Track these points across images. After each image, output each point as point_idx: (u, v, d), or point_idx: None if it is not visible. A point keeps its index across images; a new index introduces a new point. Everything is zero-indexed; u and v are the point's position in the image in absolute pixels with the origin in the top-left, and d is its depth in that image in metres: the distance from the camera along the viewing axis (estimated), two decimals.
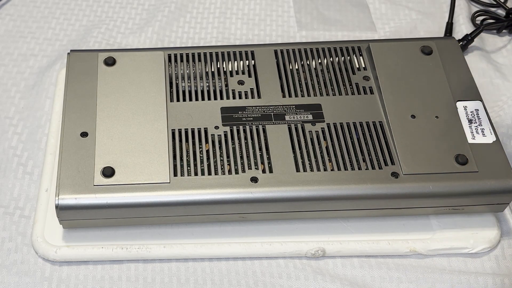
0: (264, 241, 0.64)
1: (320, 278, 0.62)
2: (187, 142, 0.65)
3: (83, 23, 0.85)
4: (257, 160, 0.63)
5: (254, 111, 0.67)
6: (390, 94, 0.68)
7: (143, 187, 0.61)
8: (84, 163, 0.62)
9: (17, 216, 0.66)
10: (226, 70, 0.71)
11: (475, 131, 0.65)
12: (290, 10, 0.88)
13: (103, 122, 0.65)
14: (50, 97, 0.75)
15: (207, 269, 0.63)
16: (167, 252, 0.63)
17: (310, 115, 0.66)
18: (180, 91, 0.69)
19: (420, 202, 0.63)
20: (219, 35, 0.84)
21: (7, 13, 0.86)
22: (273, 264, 0.63)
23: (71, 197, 0.60)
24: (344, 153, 0.64)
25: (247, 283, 0.62)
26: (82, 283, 0.62)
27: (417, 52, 0.71)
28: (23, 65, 0.80)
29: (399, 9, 0.88)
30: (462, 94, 0.68)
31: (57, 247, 0.62)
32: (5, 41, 0.82)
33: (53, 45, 0.82)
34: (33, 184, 0.68)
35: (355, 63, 0.71)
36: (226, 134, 0.65)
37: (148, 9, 0.87)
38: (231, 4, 0.88)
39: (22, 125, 0.73)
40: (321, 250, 0.63)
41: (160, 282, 0.62)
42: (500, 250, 0.65)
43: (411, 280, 0.62)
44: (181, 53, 0.71)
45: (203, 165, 0.63)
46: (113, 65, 0.70)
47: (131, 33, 0.84)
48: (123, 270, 0.63)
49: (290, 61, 0.71)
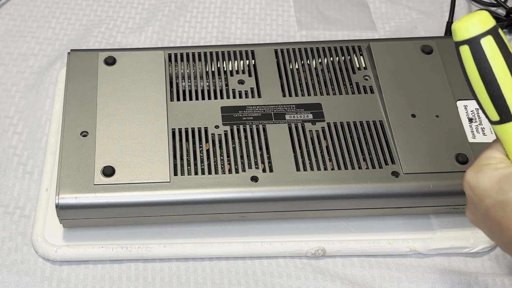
0: (264, 240, 0.64)
1: (320, 277, 0.62)
2: (187, 142, 0.65)
3: (83, 23, 0.85)
4: (257, 160, 0.63)
5: (254, 111, 0.67)
6: (390, 94, 0.68)
7: (143, 186, 0.61)
8: (84, 162, 0.62)
9: (17, 215, 0.66)
10: (226, 69, 0.71)
11: (475, 130, 0.65)
12: (290, 10, 0.88)
13: (103, 121, 0.65)
14: (50, 97, 0.75)
15: (207, 269, 0.63)
16: (167, 252, 0.63)
17: (310, 114, 0.66)
18: (180, 91, 0.69)
19: (420, 202, 0.63)
20: (219, 35, 0.84)
21: (7, 12, 0.86)
22: (273, 264, 0.63)
23: (71, 197, 0.60)
24: (344, 152, 0.64)
25: (247, 282, 0.62)
26: (82, 282, 0.62)
27: (417, 52, 0.71)
28: (23, 65, 0.80)
29: (399, 9, 0.88)
30: (463, 93, 0.68)
31: (57, 247, 0.62)
32: (5, 41, 0.82)
33: (53, 44, 0.82)
34: (33, 183, 0.68)
35: (355, 62, 0.71)
36: (226, 133, 0.65)
37: (148, 9, 0.87)
38: (231, 3, 0.88)
39: (22, 125, 0.73)
40: (321, 249, 0.63)
41: (160, 281, 0.62)
42: (500, 250, 0.65)
43: (411, 279, 0.62)
44: (181, 53, 0.71)
45: (203, 164, 0.63)
46: (113, 64, 0.70)
47: (131, 33, 0.84)
48: (123, 269, 0.62)
49: (290, 61, 0.71)
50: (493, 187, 0.46)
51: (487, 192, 0.47)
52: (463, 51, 0.45)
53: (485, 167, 0.48)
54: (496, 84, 0.45)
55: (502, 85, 0.45)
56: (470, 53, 0.44)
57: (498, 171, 0.47)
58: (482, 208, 0.47)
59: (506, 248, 0.48)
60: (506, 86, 0.45)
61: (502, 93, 0.45)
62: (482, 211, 0.48)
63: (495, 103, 0.46)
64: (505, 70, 0.45)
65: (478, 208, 0.48)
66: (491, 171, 0.47)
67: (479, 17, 0.44)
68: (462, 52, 0.45)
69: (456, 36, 0.45)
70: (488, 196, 0.47)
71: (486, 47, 0.44)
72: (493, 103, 0.46)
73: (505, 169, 0.47)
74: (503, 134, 0.47)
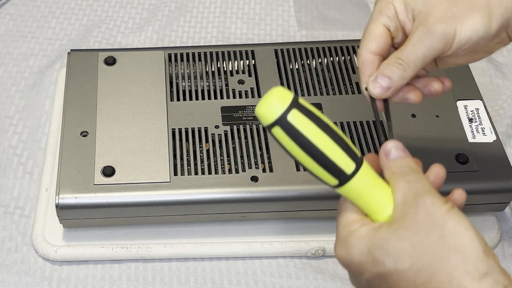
0: (264, 240, 0.64)
1: (320, 277, 0.62)
2: (187, 141, 0.65)
3: (83, 23, 0.85)
4: (257, 159, 0.63)
5: (254, 110, 0.67)
6: None
7: (143, 186, 0.61)
8: (84, 162, 0.62)
9: (17, 215, 0.66)
10: (226, 69, 0.71)
11: (475, 130, 0.65)
12: (290, 10, 0.88)
13: (103, 121, 0.65)
14: (50, 97, 0.75)
15: (207, 269, 0.63)
16: (167, 252, 0.63)
17: None
18: (180, 91, 0.69)
19: None
20: (219, 35, 0.84)
21: (7, 12, 0.86)
22: (273, 264, 0.63)
23: (71, 197, 0.60)
24: None
25: (247, 282, 0.62)
26: (82, 282, 0.62)
27: None
28: (23, 65, 0.80)
29: None
30: (463, 93, 0.68)
31: (57, 247, 0.62)
32: (5, 41, 0.82)
33: (53, 44, 0.82)
34: (33, 183, 0.68)
35: (355, 62, 0.71)
36: (226, 133, 0.65)
37: (148, 9, 0.87)
38: (231, 3, 0.88)
39: (22, 125, 0.73)
40: (321, 249, 0.63)
41: (160, 281, 0.62)
42: (500, 249, 0.65)
43: None
44: (181, 53, 0.71)
45: (203, 164, 0.63)
46: (113, 64, 0.70)
47: (131, 33, 0.84)
48: (123, 269, 0.62)
49: (290, 61, 0.71)
50: (367, 259, 0.43)
51: (363, 266, 0.43)
52: (277, 133, 0.43)
53: (350, 238, 0.44)
54: (320, 152, 0.43)
55: (326, 151, 0.43)
56: (284, 133, 0.43)
57: (365, 239, 0.43)
58: (363, 281, 0.44)
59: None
60: (330, 151, 0.43)
61: (329, 158, 0.44)
62: (364, 283, 0.44)
63: (328, 170, 0.44)
64: (322, 135, 0.43)
65: (360, 280, 0.45)
66: (357, 241, 0.44)
67: (276, 95, 0.43)
68: (276, 134, 0.44)
69: (264, 121, 0.44)
70: (366, 270, 0.43)
71: (295, 122, 0.43)
72: (327, 171, 0.44)
73: (369, 234, 0.43)
74: (348, 193, 0.45)
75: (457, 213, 0.42)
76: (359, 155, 0.45)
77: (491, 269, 0.40)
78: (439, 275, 0.40)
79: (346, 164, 0.44)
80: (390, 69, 0.48)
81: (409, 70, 0.48)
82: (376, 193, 0.44)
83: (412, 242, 0.41)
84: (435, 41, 0.47)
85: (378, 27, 0.50)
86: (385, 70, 0.48)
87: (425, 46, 0.47)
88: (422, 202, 0.42)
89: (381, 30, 0.50)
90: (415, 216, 0.42)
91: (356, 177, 0.44)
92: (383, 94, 0.48)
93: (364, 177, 0.44)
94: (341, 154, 0.44)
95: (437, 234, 0.41)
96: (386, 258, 0.42)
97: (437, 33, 0.47)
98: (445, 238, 0.41)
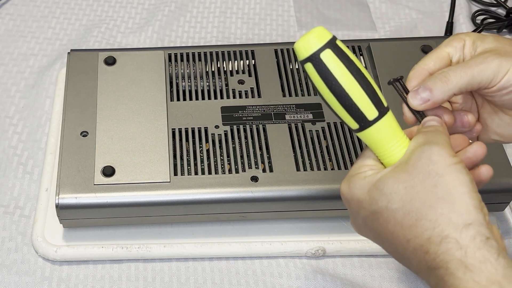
0: (264, 240, 0.64)
1: (320, 277, 0.62)
2: (187, 142, 0.65)
3: (83, 23, 0.85)
4: (257, 159, 0.63)
5: (254, 111, 0.67)
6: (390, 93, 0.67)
7: (143, 186, 0.61)
8: (84, 162, 0.62)
9: (17, 215, 0.66)
10: (226, 69, 0.71)
11: None
12: (290, 9, 0.88)
13: (103, 121, 0.65)
14: (50, 97, 0.75)
15: (207, 269, 0.63)
16: (167, 252, 0.63)
17: (310, 114, 0.66)
18: (180, 91, 0.69)
19: None
20: (219, 35, 0.84)
21: (7, 12, 0.86)
22: (273, 264, 0.63)
23: (71, 197, 0.60)
24: (344, 152, 0.64)
25: (247, 282, 0.62)
26: (82, 282, 0.62)
27: (417, 51, 0.71)
28: (23, 65, 0.80)
29: (399, 9, 0.88)
30: None
31: (57, 247, 0.62)
32: (5, 41, 0.82)
33: (53, 44, 0.82)
34: (33, 183, 0.68)
35: None
36: (226, 133, 0.65)
37: (148, 9, 0.87)
38: (231, 3, 0.88)
39: (22, 125, 0.73)
40: (321, 249, 0.63)
41: (160, 281, 0.62)
42: None
43: (411, 279, 0.62)
44: (181, 53, 0.71)
45: (203, 164, 0.63)
46: (113, 64, 0.70)
47: (131, 33, 0.84)
48: (123, 269, 0.63)
49: (290, 61, 0.71)
50: (365, 198, 0.45)
51: (361, 203, 0.46)
52: (308, 69, 0.45)
53: (355, 177, 0.47)
54: (346, 94, 0.45)
55: (352, 94, 0.45)
56: (314, 70, 0.45)
57: (367, 180, 0.46)
58: (359, 219, 0.47)
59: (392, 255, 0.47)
60: (355, 94, 0.45)
61: (353, 101, 0.45)
62: (360, 222, 0.47)
63: (350, 113, 0.46)
64: (351, 78, 0.45)
65: (357, 219, 0.47)
66: (360, 180, 0.46)
67: (314, 33, 0.45)
68: (307, 70, 0.45)
69: (299, 56, 0.46)
70: (362, 208, 0.46)
71: (327, 61, 0.45)
72: (349, 113, 0.46)
73: (372, 176, 0.46)
74: (367, 139, 0.47)
75: (459, 168, 0.43)
76: (385, 105, 0.46)
77: (476, 221, 0.42)
78: (424, 220, 0.43)
79: (369, 110, 0.46)
80: (433, 81, 0.48)
81: (452, 86, 0.47)
82: (394, 144, 0.46)
83: (406, 185, 0.44)
84: (487, 69, 0.47)
85: (442, 52, 0.50)
86: (428, 82, 0.48)
87: (476, 70, 0.47)
88: (428, 149, 0.44)
89: (443, 55, 0.50)
90: (417, 161, 0.44)
91: (377, 124, 0.46)
92: (420, 105, 0.48)
93: (384, 127, 0.46)
94: (366, 99, 0.46)
95: (432, 183, 0.43)
96: (381, 197, 0.44)
97: (492, 63, 0.47)
98: (438, 187, 0.43)
